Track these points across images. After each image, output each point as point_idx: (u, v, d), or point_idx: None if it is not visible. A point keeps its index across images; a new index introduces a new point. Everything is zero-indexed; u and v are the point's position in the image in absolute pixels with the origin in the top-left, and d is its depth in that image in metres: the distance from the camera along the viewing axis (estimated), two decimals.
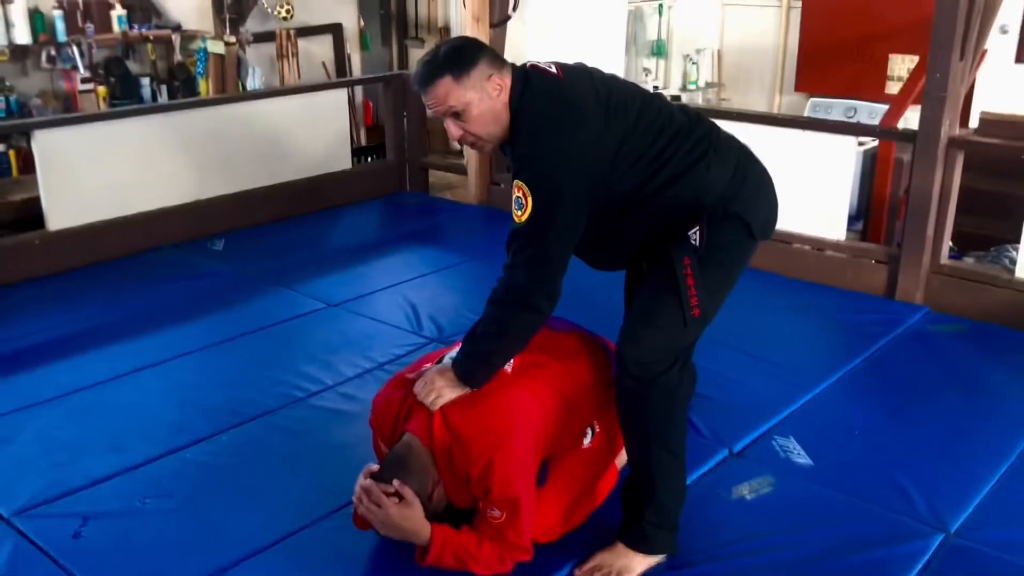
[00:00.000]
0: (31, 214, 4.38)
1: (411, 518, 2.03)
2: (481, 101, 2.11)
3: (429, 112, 2.20)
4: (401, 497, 2.01)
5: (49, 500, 2.49)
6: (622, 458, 2.56)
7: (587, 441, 2.37)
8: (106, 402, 3.04)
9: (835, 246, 4.08)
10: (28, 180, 4.75)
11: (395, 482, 2.02)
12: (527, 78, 2.16)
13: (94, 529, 2.38)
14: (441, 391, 2.13)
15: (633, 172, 2.18)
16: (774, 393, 3.04)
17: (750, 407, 2.94)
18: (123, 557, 2.28)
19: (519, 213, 2.09)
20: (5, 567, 2.24)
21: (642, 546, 2.21)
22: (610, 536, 2.25)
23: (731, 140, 2.33)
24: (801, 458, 2.69)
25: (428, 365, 2.27)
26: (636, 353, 2.15)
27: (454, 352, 2.24)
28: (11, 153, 5.16)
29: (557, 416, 2.21)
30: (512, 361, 2.22)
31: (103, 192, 4.38)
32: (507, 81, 2.14)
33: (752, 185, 2.27)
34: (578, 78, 2.19)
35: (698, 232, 2.18)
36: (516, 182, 2.10)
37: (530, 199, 2.06)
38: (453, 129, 2.16)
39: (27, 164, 4.95)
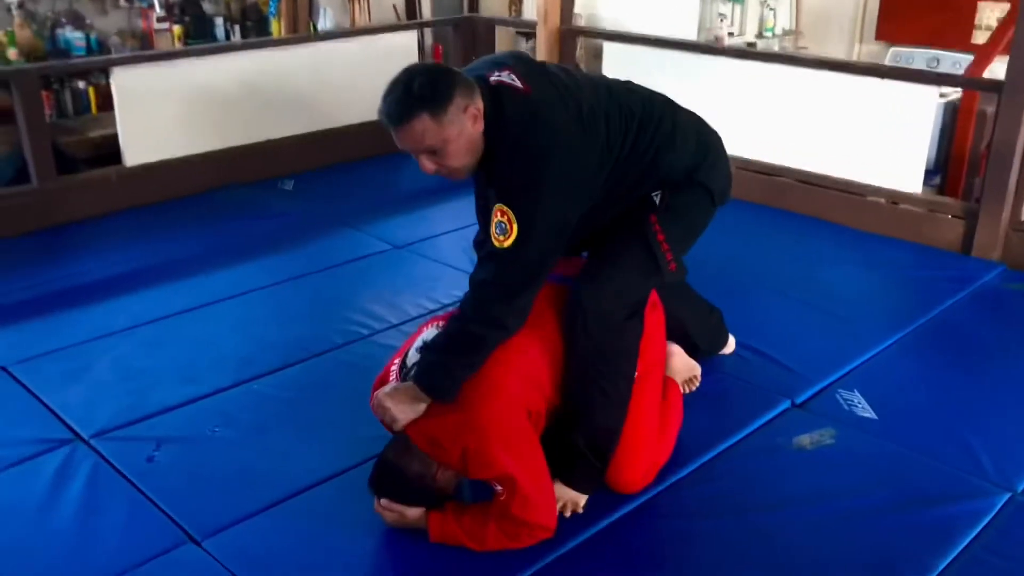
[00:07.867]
0: (109, 151, 4.49)
1: (403, 521, 2.14)
2: (459, 135, 2.01)
3: (401, 147, 2.04)
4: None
5: (125, 424, 2.59)
6: (682, 371, 2.64)
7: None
8: (178, 334, 3.13)
9: (911, 199, 3.97)
10: (106, 117, 4.86)
11: (382, 501, 2.13)
12: (498, 99, 2.05)
13: (167, 454, 2.47)
14: (395, 415, 2.08)
15: (612, 173, 2.20)
16: (840, 347, 2.99)
17: (815, 360, 2.90)
18: (193, 481, 2.37)
19: (501, 238, 2.04)
20: (86, 484, 2.35)
21: (576, 484, 2.24)
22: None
23: (688, 113, 2.38)
24: (865, 412, 2.65)
25: (393, 365, 2.21)
26: (597, 295, 2.18)
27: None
28: (91, 90, 5.28)
29: (545, 370, 2.18)
30: None
31: (178, 129, 4.46)
32: (481, 106, 2.02)
33: (713, 156, 2.37)
34: (546, 91, 2.10)
35: (660, 194, 2.28)
36: (500, 206, 2.03)
37: (515, 225, 2.02)
38: (427, 165, 2.05)
39: (105, 102, 5.06)
